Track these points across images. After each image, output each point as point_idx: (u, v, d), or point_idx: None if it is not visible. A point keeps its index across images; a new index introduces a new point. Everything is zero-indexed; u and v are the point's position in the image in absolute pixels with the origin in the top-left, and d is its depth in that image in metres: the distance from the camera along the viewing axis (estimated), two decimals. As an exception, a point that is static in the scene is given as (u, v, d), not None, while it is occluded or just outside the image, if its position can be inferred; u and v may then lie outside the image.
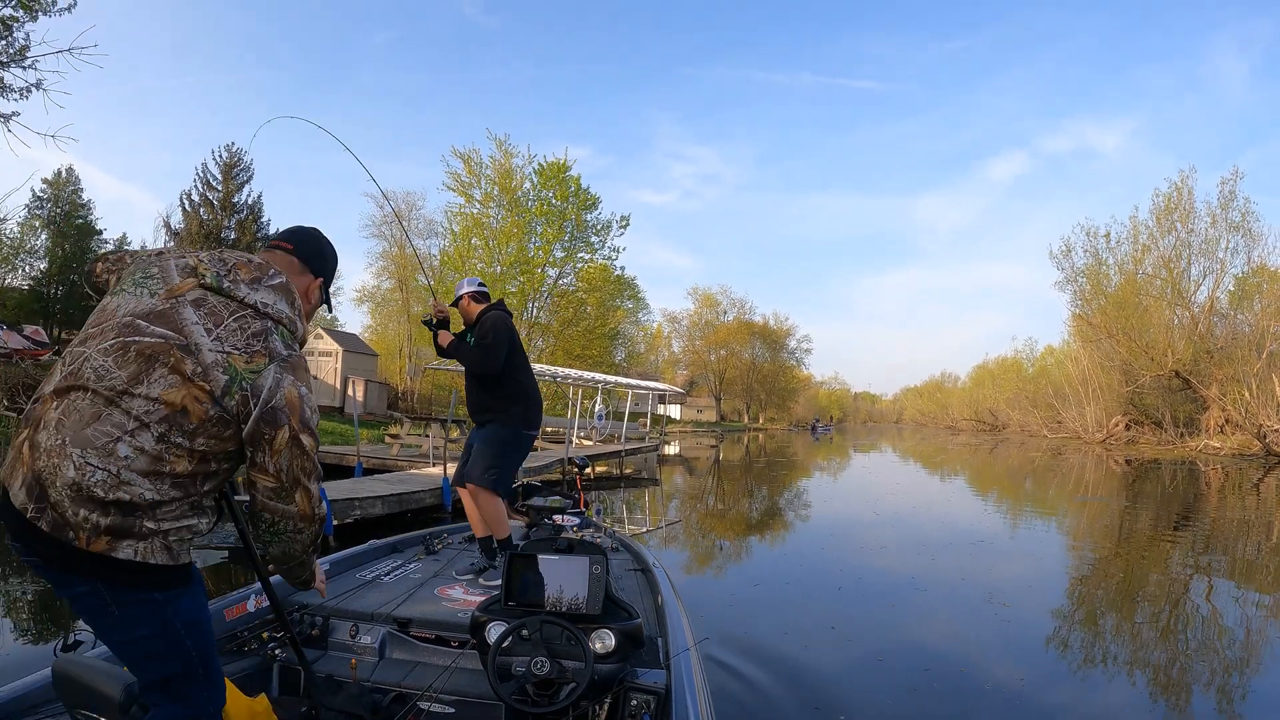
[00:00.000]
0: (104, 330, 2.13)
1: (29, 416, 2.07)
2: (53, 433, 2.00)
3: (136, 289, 2.22)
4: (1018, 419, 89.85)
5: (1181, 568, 11.61)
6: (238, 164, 43.12)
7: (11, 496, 2.01)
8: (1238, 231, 47.47)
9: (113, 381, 2.03)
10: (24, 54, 15.67)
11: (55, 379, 2.10)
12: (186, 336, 2.11)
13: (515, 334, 5.87)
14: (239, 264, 2.32)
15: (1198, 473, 29.97)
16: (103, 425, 2.01)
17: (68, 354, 2.14)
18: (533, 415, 5.88)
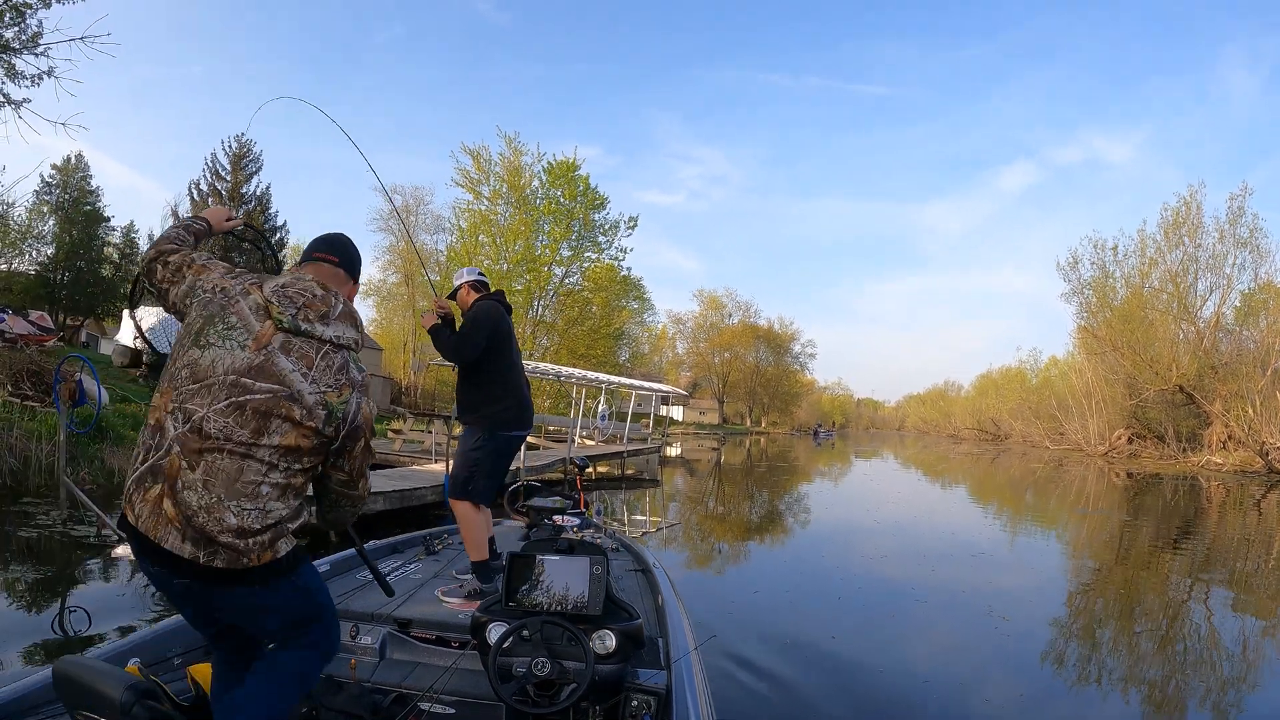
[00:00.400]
0: (210, 388, 2.44)
1: (154, 457, 2.40)
2: (203, 492, 2.37)
3: (225, 342, 2.50)
4: (1020, 429, 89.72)
5: (1181, 584, 11.60)
6: (247, 155, 43.25)
7: (170, 547, 2.36)
8: (1245, 247, 47.50)
9: (240, 437, 2.41)
10: (36, 41, 15.74)
11: (180, 423, 2.41)
12: (289, 386, 2.49)
13: (504, 327, 5.52)
14: (307, 302, 2.63)
15: (1199, 488, 29.92)
16: (245, 477, 2.42)
17: (176, 408, 2.44)
18: (513, 416, 5.51)
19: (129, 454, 14.16)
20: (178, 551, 2.36)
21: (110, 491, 13.30)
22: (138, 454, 2.46)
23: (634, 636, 3.32)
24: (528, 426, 5.72)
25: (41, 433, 13.43)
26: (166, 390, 2.47)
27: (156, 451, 2.41)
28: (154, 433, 2.44)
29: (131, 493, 2.42)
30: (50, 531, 10.20)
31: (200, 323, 2.56)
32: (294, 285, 2.66)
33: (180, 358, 2.50)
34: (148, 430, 2.46)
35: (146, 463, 2.41)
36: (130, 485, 2.44)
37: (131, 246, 48.24)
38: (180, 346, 2.53)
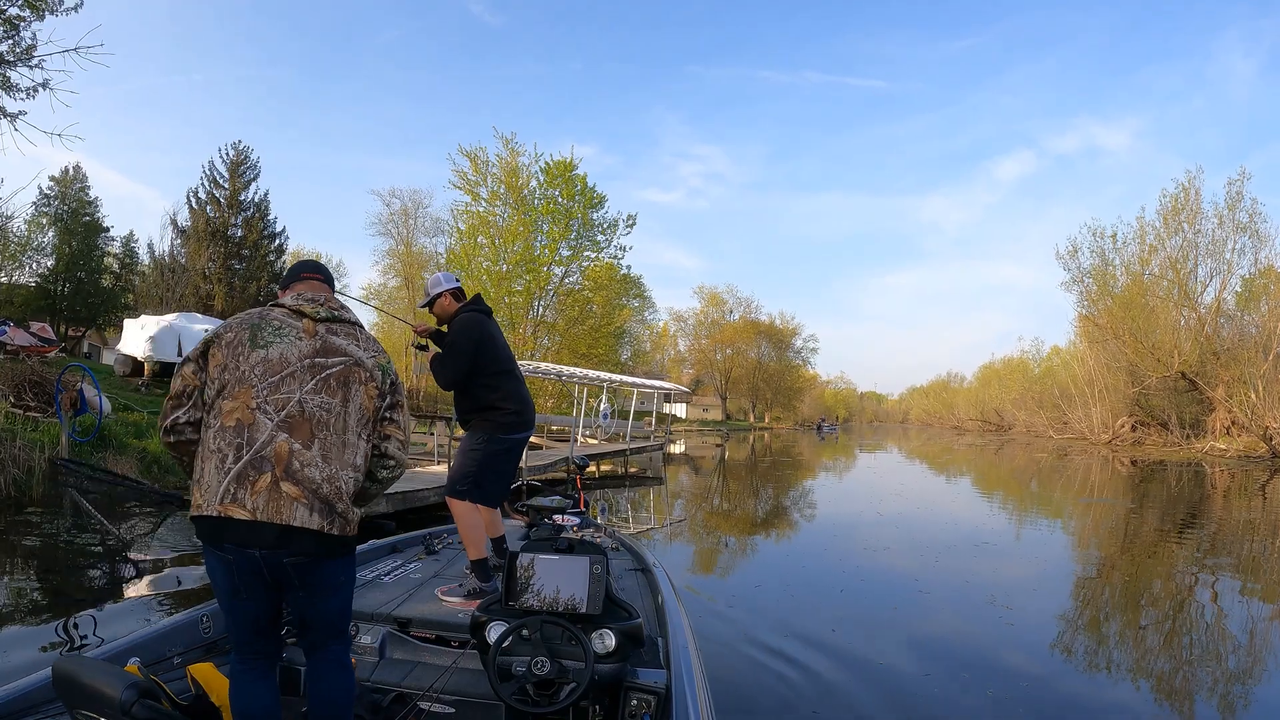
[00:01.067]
0: (293, 375, 2.78)
1: (249, 446, 2.64)
2: (324, 465, 2.72)
3: (282, 339, 2.83)
4: (1023, 419, 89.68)
5: (1186, 571, 11.60)
6: (244, 161, 43.28)
7: (299, 522, 2.63)
8: (1245, 232, 47.42)
9: (335, 408, 2.81)
10: (31, 53, 15.73)
11: (273, 415, 2.69)
12: (352, 355, 2.93)
13: (489, 334, 5.48)
14: (326, 300, 3.05)
15: (1203, 475, 29.93)
16: (350, 449, 2.82)
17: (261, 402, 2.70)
18: (509, 419, 5.47)
19: (131, 461, 14.22)
20: (305, 524, 2.64)
21: (112, 499, 13.32)
22: (223, 455, 2.63)
23: (633, 636, 3.33)
24: (529, 428, 5.69)
25: (45, 442, 13.44)
26: (239, 392, 2.70)
27: (251, 445, 2.64)
28: (240, 430, 2.66)
29: (230, 490, 2.60)
30: (54, 540, 10.21)
31: (247, 332, 2.82)
32: (306, 293, 3.05)
33: (242, 362, 2.74)
34: (227, 431, 2.65)
35: (242, 459, 2.62)
36: (225, 485, 2.61)
37: (131, 256, 48.34)
38: (237, 355, 2.76)
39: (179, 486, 15.20)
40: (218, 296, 40.16)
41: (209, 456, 2.66)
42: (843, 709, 5.66)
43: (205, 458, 2.68)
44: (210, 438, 2.68)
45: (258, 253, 42.42)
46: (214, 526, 2.63)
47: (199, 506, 2.65)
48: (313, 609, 2.90)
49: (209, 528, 2.64)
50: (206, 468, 2.66)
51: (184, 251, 41.42)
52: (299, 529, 2.64)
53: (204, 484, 2.65)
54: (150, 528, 11.71)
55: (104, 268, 46.14)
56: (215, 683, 3.26)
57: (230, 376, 2.73)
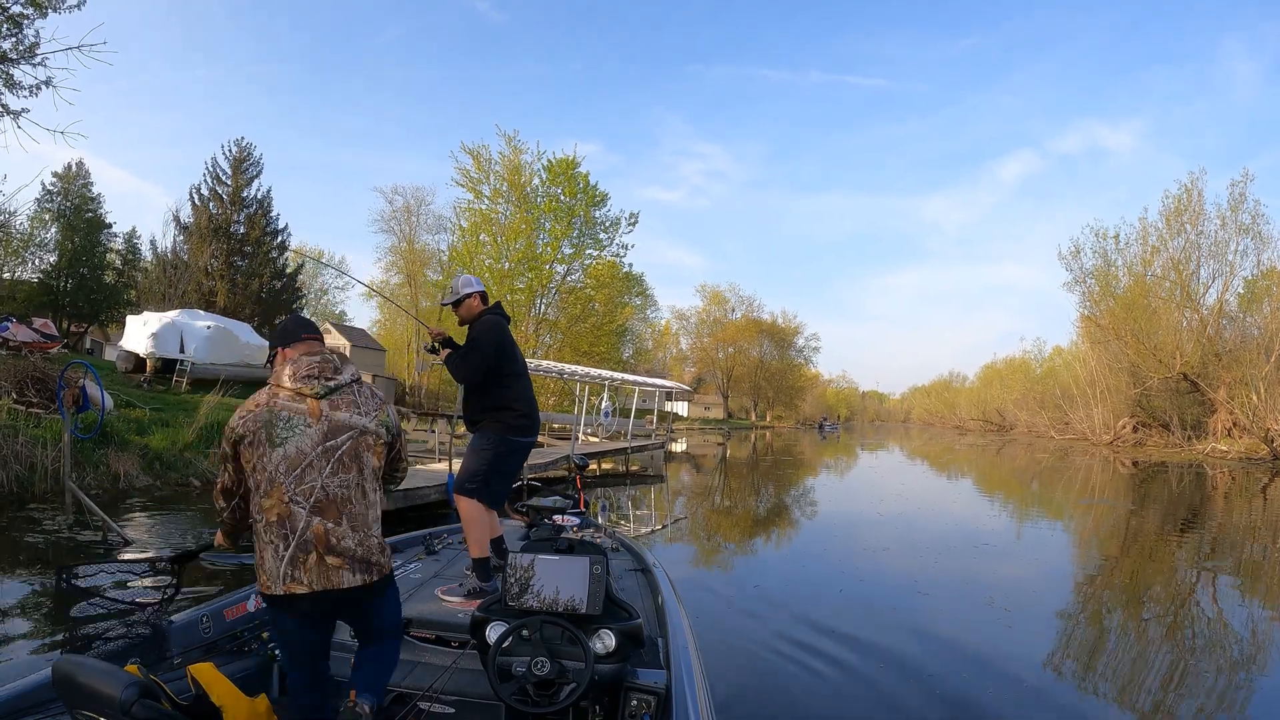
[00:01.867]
0: (310, 467, 3.15)
1: (294, 535, 3.07)
2: (354, 534, 3.17)
3: (293, 432, 3.18)
4: (1025, 420, 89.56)
5: (1187, 573, 11.61)
6: (247, 158, 43.30)
7: (348, 585, 3.13)
8: (1248, 234, 47.31)
9: (354, 480, 3.24)
10: (34, 51, 15.73)
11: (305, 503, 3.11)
12: (356, 425, 3.30)
13: (507, 339, 5.62)
14: (320, 370, 3.33)
15: (1204, 476, 29.92)
16: (370, 508, 3.29)
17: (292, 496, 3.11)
18: (519, 422, 5.58)
19: (133, 458, 14.24)
20: (352, 584, 3.13)
21: (115, 496, 13.35)
22: (275, 546, 3.07)
23: (633, 636, 3.33)
24: (535, 433, 5.78)
25: (47, 439, 13.46)
26: (271, 490, 3.10)
27: (295, 533, 3.07)
28: (282, 523, 3.09)
29: (287, 573, 3.06)
30: (56, 537, 10.23)
31: (264, 431, 3.18)
32: (302, 365, 3.32)
33: (267, 463, 3.13)
34: (273, 525, 3.09)
35: (290, 545, 3.07)
36: (282, 569, 3.06)
37: (134, 252, 48.30)
38: (261, 455, 3.14)
39: (180, 484, 15.23)
40: (220, 293, 40.18)
41: (265, 546, 3.10)
42: (842, 708, 5.69)
43: (262, 547, 3.12)
44: (261, 530, 3.13)
45: (260, 249, 42.42)
46: (283, 602, 3.09)
47: (267, 587, 3.10)
48: (376, 622, 3.44)
49: (279, 603, 3.11)
50: (265, 556, 3.10)
51: (186, 248, 41.43)
52: (348, 590, 3.13)
53: (266, 569, 3.09)
54: (152, 526, 11.74)
55: (106, 264, 46.04)
56: (215, 683, 3.27)
57: (261, 477, 3.13)
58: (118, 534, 10.16)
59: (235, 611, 4.21)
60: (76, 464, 12.72)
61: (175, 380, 25.93)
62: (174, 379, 26.04)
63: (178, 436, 16.76)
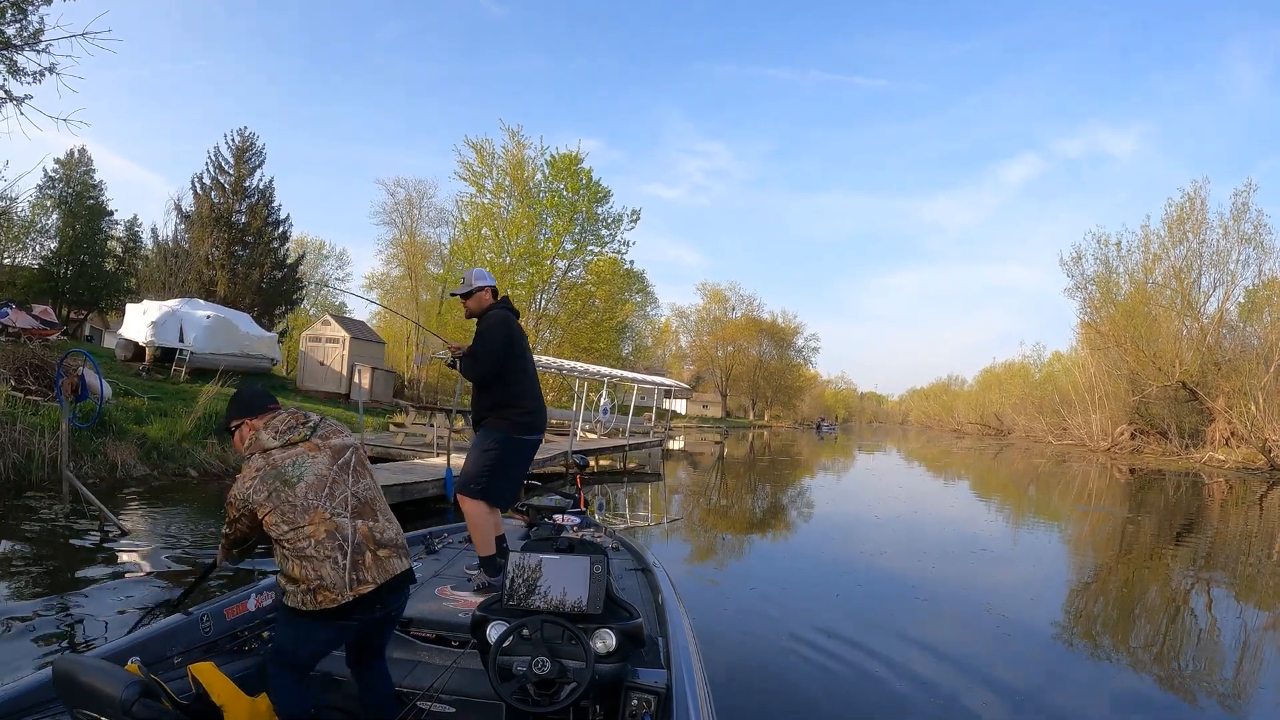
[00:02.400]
0: (336, 481, 3.44)
1: (348, 542, 3.30)
2: (387, 525, 3.53)
3: (303, 466, 3.41)
4: (1023, 424, 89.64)
5: (1182, 582, 11.60)
6: (250, 148, 43.14)
7: (399, 570, 3.46)
8: (1250, 243, 47.29)
9: (369, 484, 3.60)
10: (38, 37, 15.69)
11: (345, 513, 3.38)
12: (347, 442, 3.64)
13: (515, 333, 5.62)
14: (298, 423, 3.59)
15: (1201, 485, 29.92)
16: (386, 503, 3.65)
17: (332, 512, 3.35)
18: (525, 420, 5.55)
19: (131, 447, 14.22)
20: (402, 570, 3.47)
21: (112, 485, 13.33)
22: (334, 559, 3.23)
23: (634, 636, 3.33)
24: (542, 430, 5.74)
25: (44, 427, 13.44)
26: (310, 515, 3.28)
27: (347, 541, 3.30)
28: (333, 535, 3.28)
29: (353, 578, 3.25)
30: (53, 526, 10.22)
31: (278, 481, 3.35)
32: (277, 423, 3.57)
33: (296, 500, 3.30)
34: (325, 541, 3.25)
35: (348, 552, 3.28)
36: (346, 577, 3.23)
37: (135, 240, 48.26)
38: (286, 499, 3.30)
39: (178, 474, 15.21)
40: (220, 283, 40.07)
41: (321, 563, 3.22)
42: (838, 712, 5.69)
43: (315, 566, 3.21)
44: (312, 550, 3.23)
45: (261, 240, 42.28)
46: (347, 608, 3.24)
47: (333, 600, 3.20)
48: (381, 640, 3.63)
49: (344, 610, 3.24)
50: (324, 571, 3.21)
51: (187, 237, 41.29)
52: (399, 574, 3.44)
53: (329, 583, 3.20)
54: (149, 516, 11.73)
55: (107, 251, 46.02)
56: (216, 683, 3.26)
57: (294, 514, 3.28)
58: (114, 524, 10.13)
59: (235, 611, 4.21)
60: (74, 453, 12.69)
61: (174, 369, 25.89)
62: (173, 368, 26.00)
63: (176, 426, 16.73)
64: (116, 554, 9.12)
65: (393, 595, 3.45)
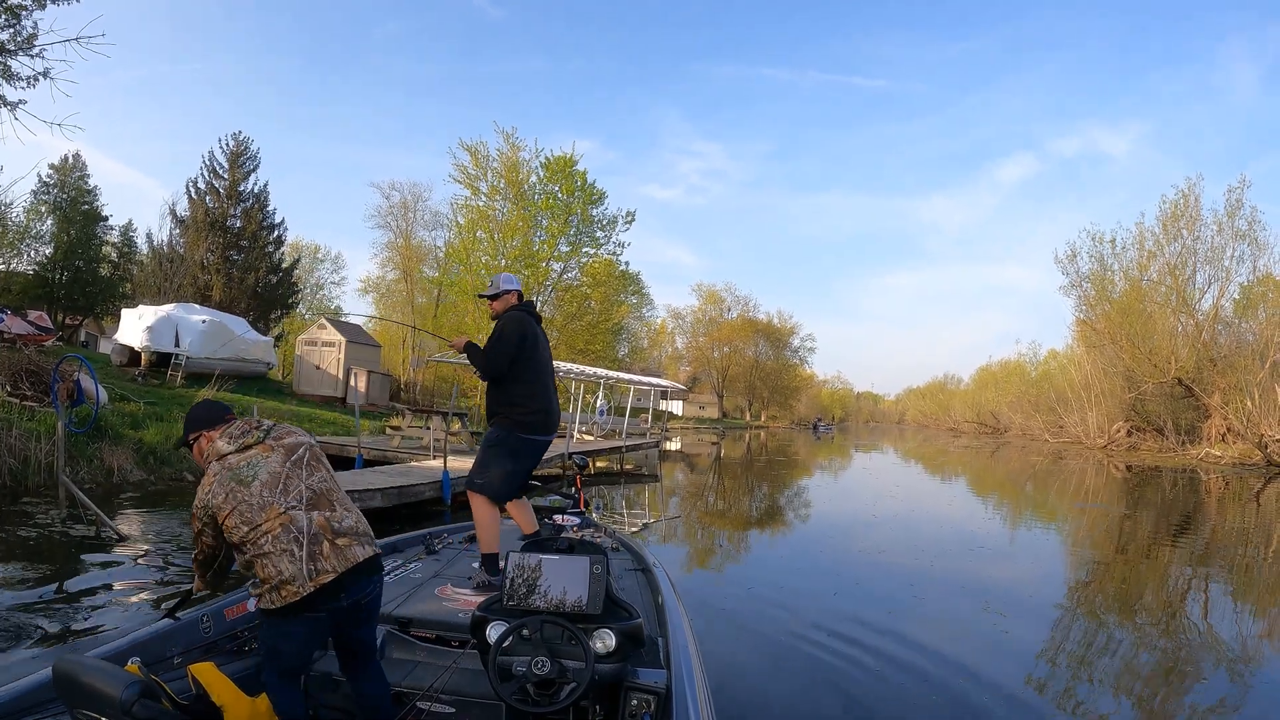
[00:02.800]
0: (289, 476, 3.46)
1: (304, 533, 3.31)
2: (346, 514, 3.51)
3: (256, 466, 3.44)
4: (1019, 422, 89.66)
5: (1179, 579, 11.62)
6: (244, 152, 43.12)
7: (362, 556, 3.42)
8: (1244, 240, 47.40)
9: (326, 477, 3.60)
10: (32, 42, 15.66)
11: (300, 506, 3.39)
12: (303, 440, 3.69)
13: (531, 333, 5.66)
14: (250, 428, 3.63)
15: (1198, 481, 29.96)
16: (346, 495, 3.66)
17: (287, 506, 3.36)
18: (534, 419, 5.57)
19: (127, 452, 14.19)
20: (365, 556, 3.44)
21: (108, 490, 13.31)
22: (291, 552, 3.24)
23: (634, 636, 3.32)
24: (552, 431, 5.75)
25: (40, 432, 13.42)
26: (268, 514, 3.30)
27: (302, 532, 3.30)
28: (287, 528, 3.28)
29: (311, 569, 3.24)
30: (49, 531, 10.20)
31: (233, 483, 3.38)
32: (232, 430, 3.61)
33: (252, 499, 3.33)
34: (281, 535, 3.26)
35: (304, 543, 3.28)
36: (305, 568, 3.23)
37: (129, 245, 48.16)
38: (242, 499, 3.32)
39: (174, 478, 15.21)
40: (216, 287, 40.03)
41: (279, 558, 3.23)
42: (837, 712, 5.68)
43: (274, 561, 3.22)
44: (268, 546, 3.24)
45: (256, 244, 42.25)
46: (310, 599, 3.21)
47: (295, 594, 3.18)
48: (367, 634, 3.63)
49: (307, 601, 3.21)
50: (282, 566, 3.22)
51: (182, 242, 41.25)
52: (361, 561, 3.40)
53: (288, 576, 3.20)
54: (145, 521, 11.71)
55: (102, 257, 45.84)
56: (216, 683, 3.27)
57: (251, 512, 3.31)
58: (111, 529, 10.13)
59: (235, 611, 4.21)
60: (70, 458, 12.68)
61: (170, 374, 25.88)
62: (169, 373, 25.99)
63: (172, 431, 16.69)
64: (113, 559, 9.11)
65: (357, 583, 3.40)
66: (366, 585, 3.48)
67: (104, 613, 7.00)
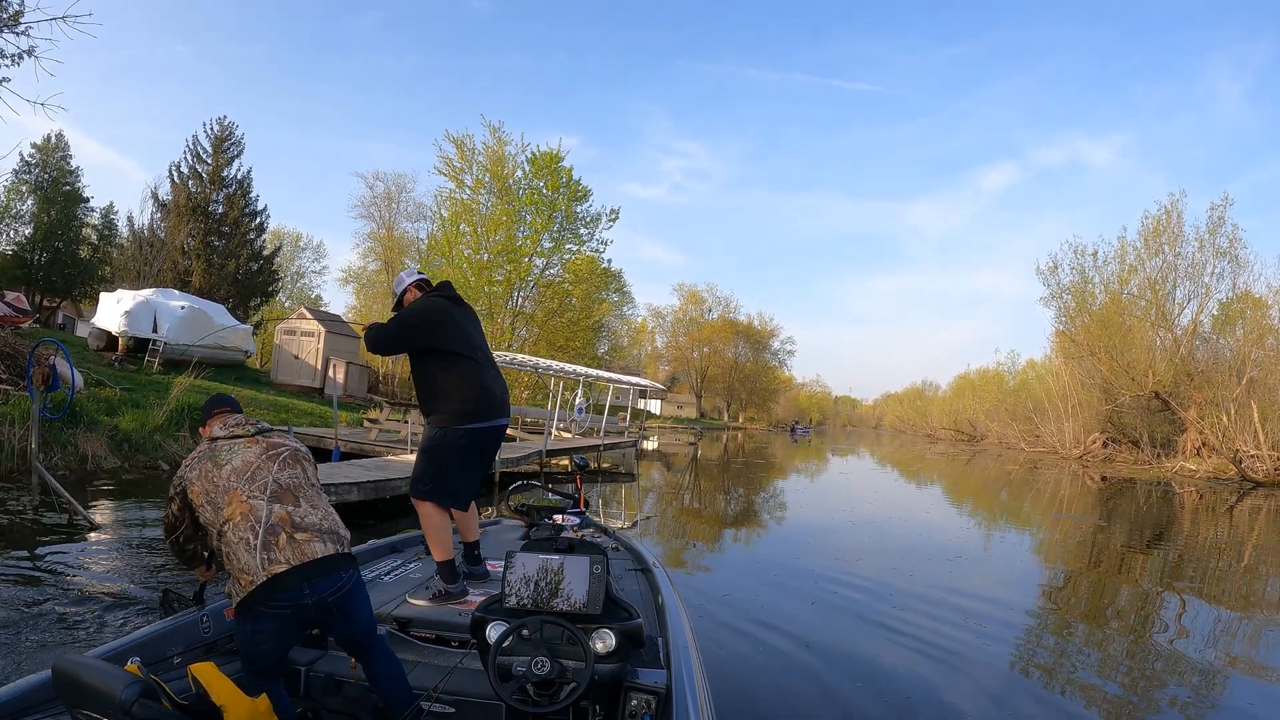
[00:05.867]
0: (260, 468, 3.57)
1: (260, 523, 3.36)
2: (313, 511, 3.55)
3: (234, 453, 3.61)
4: (996, 430, 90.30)
5: (1152, 590, 11.70)
6: (229, 138, 42.96)
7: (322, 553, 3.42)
8: (1224, 257, 47.72)
9: (300, 476, 3.68)
10: (17, 19, 15.47)
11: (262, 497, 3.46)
12: (290, 445, 3.82)
13: (438, 318, 5.16)
14: (244, 422, 3.83)
15: (1172, 494, 30.20)
16: (323, 496, 3.73)
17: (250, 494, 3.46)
18: (469, 408, 5.09)
19: (101, 439, 14.05)
20: (325, 553, 3.42)
21: (82, 477, 13.18)
22: (247, 541, 3.31)
23: (634, 636, 3.32)
24: (493, 418, 5.22)
25: (14, 417, 13.27)
26: (230, 498, 3.42)
27: (261, 522, 3.36)
28: (247, 516, 3.37)
29: (264, 558, 3.29)
30: (21, 518, 10.08)
31: (209, 461, 3.58)
32: (229, 420, 3.82)
33: (219, 480, 3.49)
34: (240, 523, 3.36)
35: (259, 533, 3.33)
36: (258, 558, 3.28)
37: (110, 228, 47.89)
38: (211, 477, 3.50)
39: (148, 466, 15.08)
40: (196, 273, 39.81)
41: (235, 547, 3.32)
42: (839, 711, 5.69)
43: (232, 552, 3.32)
44: (229, 535, 3.35)
45: (238, 230, 42.08)
46: (266, 589, 3.25)
47: (249, 584, 3.26)
48: (357, 629, 3.60)
49: (263, 592, 3.25)
50: (238, 555, 3.31)
51: (164, 226, 41.06)
52: (322, 559, 3.40)
53: (242, 566, 3.29)
54: (118, 509, 11.60)
55: (82, 239, 45.57)
56: (216, 682, 3.24)
57: (215, 494, 3.45)
58: (84, 517, 10.02)
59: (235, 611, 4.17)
60: (44, 444, 12.53)
61: (147, 360, 25.75)
62: (146, 359, 25.85)
63: (148, 418, 16.58)
64: (86, 548, 9.02)
65: (321, 579, 3.38)
66: (331, 583, 3.42)
67: (76, 606, 6.90)
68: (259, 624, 3.33)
